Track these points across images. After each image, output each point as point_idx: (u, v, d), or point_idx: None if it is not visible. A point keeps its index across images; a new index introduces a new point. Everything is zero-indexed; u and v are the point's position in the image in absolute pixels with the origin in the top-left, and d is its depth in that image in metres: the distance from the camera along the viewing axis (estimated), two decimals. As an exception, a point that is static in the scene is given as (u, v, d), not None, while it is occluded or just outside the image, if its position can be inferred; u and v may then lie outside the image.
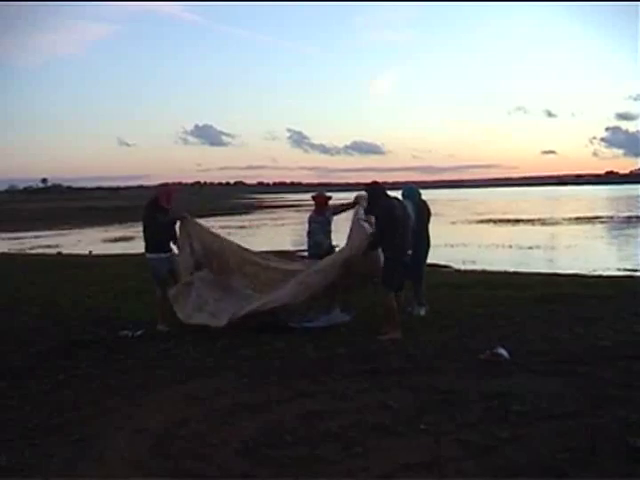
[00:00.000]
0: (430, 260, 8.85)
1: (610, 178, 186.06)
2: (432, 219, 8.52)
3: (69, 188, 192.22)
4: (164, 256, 7.96)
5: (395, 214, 7.14)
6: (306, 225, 8.43)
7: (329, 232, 8.31)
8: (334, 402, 4.92)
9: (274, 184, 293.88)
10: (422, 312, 8.18)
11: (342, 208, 8.35)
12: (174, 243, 8.08)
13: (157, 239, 7.91)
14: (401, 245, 7.16)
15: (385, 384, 5.31)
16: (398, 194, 7.93)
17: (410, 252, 7.28)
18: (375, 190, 7.40)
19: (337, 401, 4.95)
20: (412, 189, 8.48)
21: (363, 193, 7.70)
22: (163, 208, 7.93)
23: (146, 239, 7.99)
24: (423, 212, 8.25)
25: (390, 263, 7.16)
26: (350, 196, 8.43)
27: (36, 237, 35.41)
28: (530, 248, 21.67)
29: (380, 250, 7.32)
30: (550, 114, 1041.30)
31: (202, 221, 8.78)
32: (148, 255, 7.99)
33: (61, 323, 8.43)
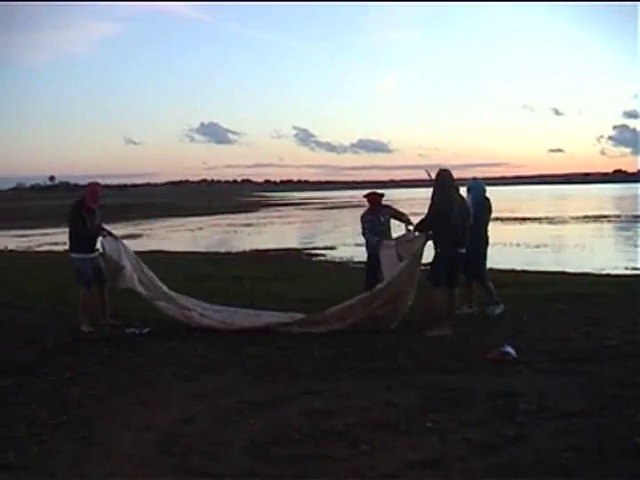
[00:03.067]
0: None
1: (618, 176, 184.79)
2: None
3: (76, 186, 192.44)
4: (90, 256, 7.96)
5: (446, 209, 6.94)
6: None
7: (381, 232, 8.11)
8: (339, 400, 4.92)
9: (281, 182, 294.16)
10: (497, 311, 7.90)
11: (400, 217, 8.18)
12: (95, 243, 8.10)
13: (83, 239, 7.93)
14: (450, 241, 7.00)
15: (391, 382, 5.30)
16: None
17: (462, 250, 7.06)
18: (438, 180, 7.16)
19: (342, 399, 4.95)
20: (476, 185, 8.21)
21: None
22: (89, 207, 8.00)
23: (71, 239, 8.03)
24: (484, 209, 8.01)
25: (437, 258, 7.05)
26: (359, 194, 8.40)
27: (43, 235, 35.50)
28: (537, 247, 21.60)
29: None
30: (557, 112, 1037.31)
31: (209, 218, 8.78)
32: (72, 255, 7.98)
33: (67, 320, 8.44)
